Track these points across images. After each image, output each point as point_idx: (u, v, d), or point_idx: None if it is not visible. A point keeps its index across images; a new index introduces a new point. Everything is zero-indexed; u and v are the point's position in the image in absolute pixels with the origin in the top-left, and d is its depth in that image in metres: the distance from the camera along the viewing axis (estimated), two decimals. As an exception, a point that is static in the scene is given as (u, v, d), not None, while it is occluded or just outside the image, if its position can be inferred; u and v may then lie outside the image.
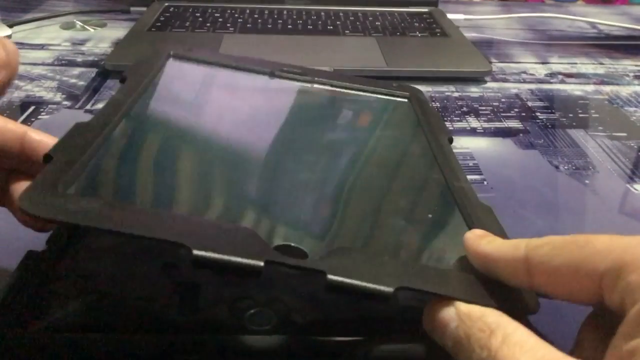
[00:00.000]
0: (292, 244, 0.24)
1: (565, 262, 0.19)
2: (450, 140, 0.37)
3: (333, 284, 0.21)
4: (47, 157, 0.24)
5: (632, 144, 0.45)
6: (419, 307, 0.22)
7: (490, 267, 0.22)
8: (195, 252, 0.20)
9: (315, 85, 0.43)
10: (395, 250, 0.27)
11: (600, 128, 0.47)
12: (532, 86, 0.56)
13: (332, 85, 0.44)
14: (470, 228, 0.26)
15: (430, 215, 0.30)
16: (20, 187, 0.26)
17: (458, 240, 0.26)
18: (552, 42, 0.72)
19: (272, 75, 0.43)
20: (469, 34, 0.71)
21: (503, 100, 0.52)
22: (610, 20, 0.79)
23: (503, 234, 0.26)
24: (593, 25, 0.80)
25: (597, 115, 0.50)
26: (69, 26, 0.70)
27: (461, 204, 0.29)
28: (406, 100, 0.43)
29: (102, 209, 0.21)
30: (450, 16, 0.74)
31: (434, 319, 0.20)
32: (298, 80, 0.43)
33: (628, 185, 0.40)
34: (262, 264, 0.20)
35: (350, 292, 0.22)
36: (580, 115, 0.50)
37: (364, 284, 0.22)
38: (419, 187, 0.33)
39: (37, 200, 0.21)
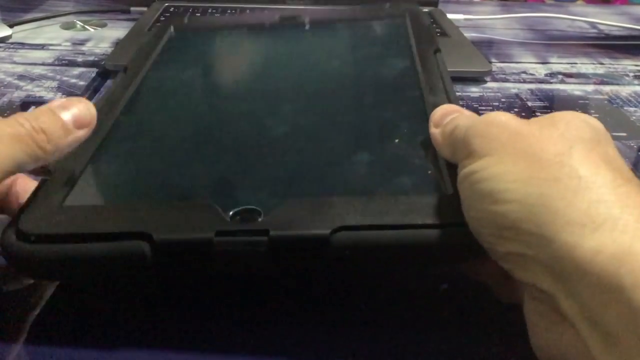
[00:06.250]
0: (249, 207, 0.24)
1: (472, 129, 0.23)
2: (437, 51, 0.36)
3: (274, 238, 0.22)
4: (47, 172, 0.26)
5: (632, 144, 0.45)
6: None
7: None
8: (156, 236, 0.22)
9: (309, 27, 0.43)
10: (356, 182, 0.27)
11: (600, 128, 0.47)
12: (532, 86, 0.56)
13: (327, 22, 0.44)
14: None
15: (397, 140, 0.29)
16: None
17: (424, 156, 0.27)
18: (552, 42, 0.72)
19: (268, 27, 0.43)
20: (469, 34, 0.71)
21: (503, 100, 0.52)
22: (610, 20, 0.79)
23: None
24: (593, 25, 0.80)
25: (597, 115, 0.50)
26: (69, 26, 0.70)
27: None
28: (401, 18, 0.43)
29: (79, 217, 0.24)
30: (450, 16, 0.74)
31: None
32: (293, 27, 0.43)
33: (628, 185, 0.39)
34: (212, 235, 0.22)
35: (291, 243, 0.22)
36: (580, 115, 0.50)
37: (300, 232, 0.22)
38: (394, 109, 0.32)
39: (36, 219, 0.23)
